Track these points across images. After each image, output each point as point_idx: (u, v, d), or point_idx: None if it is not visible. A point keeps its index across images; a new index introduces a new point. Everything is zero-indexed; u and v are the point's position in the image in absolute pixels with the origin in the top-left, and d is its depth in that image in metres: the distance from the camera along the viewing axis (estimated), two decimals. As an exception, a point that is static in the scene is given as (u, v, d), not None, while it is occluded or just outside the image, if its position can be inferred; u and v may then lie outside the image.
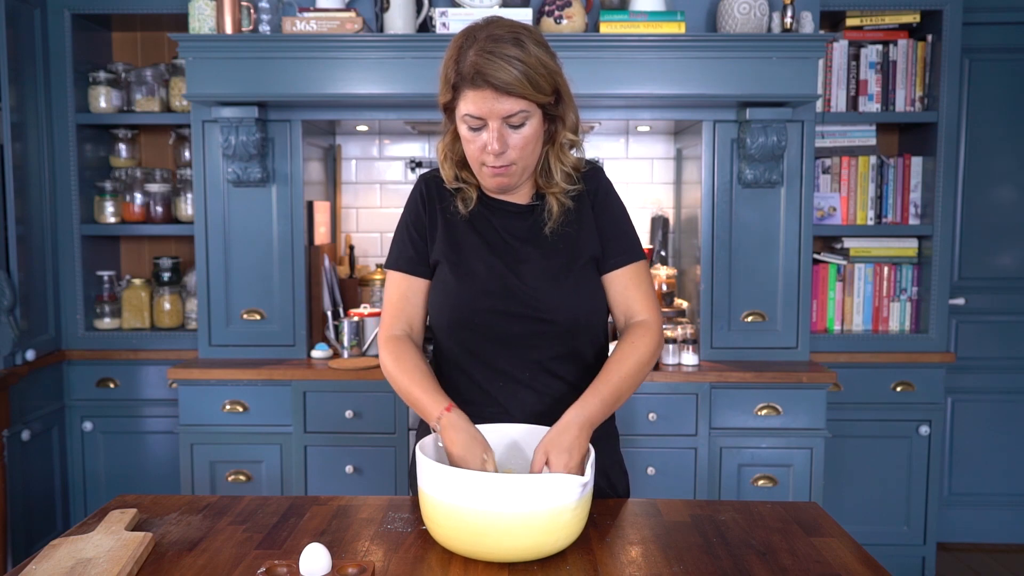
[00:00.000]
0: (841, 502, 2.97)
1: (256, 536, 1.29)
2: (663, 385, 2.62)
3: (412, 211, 1.50)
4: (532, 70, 1.31)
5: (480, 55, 1.29)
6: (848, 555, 1.23)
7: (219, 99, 2.61)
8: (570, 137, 1.43)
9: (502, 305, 1.42)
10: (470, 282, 1.43)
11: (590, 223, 1.47)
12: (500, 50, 1.29)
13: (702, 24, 2.77)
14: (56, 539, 1.21)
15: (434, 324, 1.50)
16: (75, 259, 2.99)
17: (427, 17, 2.72)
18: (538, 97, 1.33)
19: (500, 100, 1.30)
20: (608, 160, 3.23)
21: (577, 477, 1.17)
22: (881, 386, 2.96)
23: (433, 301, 1.48)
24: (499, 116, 1.32)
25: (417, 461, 1.22)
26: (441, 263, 1.46)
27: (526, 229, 1.46)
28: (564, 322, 1.43)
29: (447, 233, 1.46)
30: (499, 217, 1.47)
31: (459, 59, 1.32)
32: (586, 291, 1.45)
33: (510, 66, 1.29)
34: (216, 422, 2.66)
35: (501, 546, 1.15)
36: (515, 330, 1.42)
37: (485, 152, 1.35)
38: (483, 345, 1.44)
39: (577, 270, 1.44)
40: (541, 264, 1.44)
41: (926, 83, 2.99)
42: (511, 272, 1.43)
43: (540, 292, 1.42)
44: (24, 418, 2.79)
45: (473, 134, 1.35)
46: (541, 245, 1.45)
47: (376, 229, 3.29)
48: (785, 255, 2.78)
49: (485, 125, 1.33)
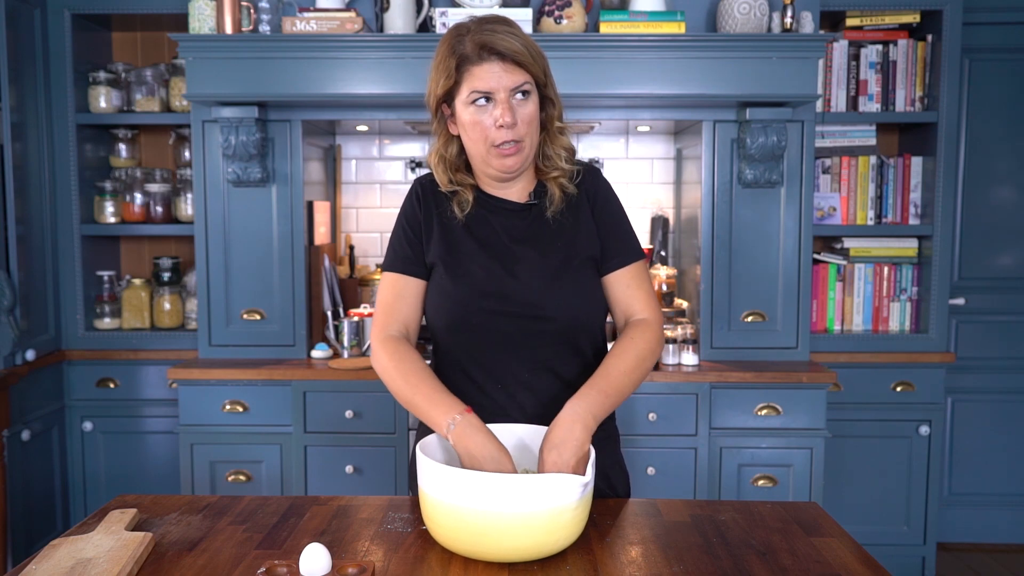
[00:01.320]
0: (841, 502, 2.97)
1: (256, 536, 1.29)
2: (663, 385, 2.62)
3: (408, 213, 1.51)
4: (529, 45, 1.38)
5: (481, 34, 1.35)
6: (848, 555, 1.23)
7: (219, 99, 2.61)
8: (559, 124, 1.47)
9: (499, 305, 1.42)
10: (467, 284, 1.43)
11: (588, 223, 1.48)
12: (499, 28, 1.37)
13: (702, 24, 2.77)
14: (56, 539, 1.21)
15: (432, 326, 1.49)
16: (75, 259, 2.99)
17: (427, 17, 2.72)
18: (537, 71, 1.39)
19: (508, 71, 1.35)
20: (608, 160, 3.23)
21: (578, 477, 1.16)
22: (881, 386, 2.96)
23: (430, 304, 1.48)
24: (507, 88, 1.35)
25: (417, 461, 1.22)
26: (437, 266, 1.46)
27: (524, 228, 1.47)
28: (562, 321, 1.42)
29: (443, 236, 1.46)
30: (497, 216, 1.47)
31: (455, 46, 1.37)
32: (584, 290, 1.45)
33: (512, 38, 1.36)
34: (216, 422, 2.67)
35: (501, 546, 1.15)
36: (512, 330, 1.42)
37: (495, 129, 1.37)
38: (481, 346, 1.44)
39: (574, 269, 1.44)
40: (538, 263, 1.44)
41: (926, 83, 2.99)
42: (508, 272, 1.43)
43: (537, 291, 1.42)
44: (24, 418, 2.79)
45: (480, 113, 1.37)
46: (538, 244, 1.45)
47: (376, 229, 3.29)
48: (785, 255, 2.78)
49: (492, 101, 1.36)
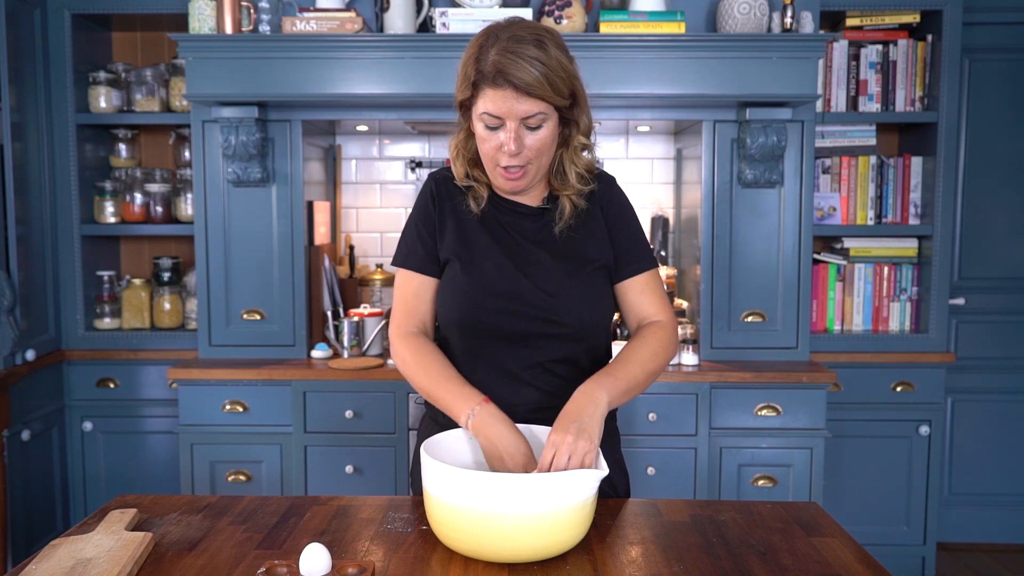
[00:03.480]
0: (841, 502, 2.97)
1: (256, 536, 1.29)
2: (663, 385, 2.62)
3: (422, 209, 1.50)
4: (552, 72, 1.31)
5: (502, 55, 1.30)
6: (848, 555, 1.22)
7: (219, 99, 2.61)
8: (582, 141, 1.44)
9: (512, 305, 1.42)
10: (480, 280, 1.43)
11: (601, 232, 1.48)
12: (522, 51, 1.30)
13: (702, 24, 2.77)
14: (56, 539, 1.21)
15: (442, 320, 1.49)
16: (75, 259, 2.99)
17: (427, 17, 2.72)
18: (556, 100, 1.33)
19: (520, 100, 1.31)
20: (608, 160, 3.23)
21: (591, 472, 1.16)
22: (881, 386, 2.96)
23: (442, 298, 1.47)
24: (518, 117, 1.32)
25: (422, 461, 1.22)
26: (452, 261, 1.46)
27: (536, 231, 1.47)
28: (571, 325, 1.43)
29: (458, 231, 1.46)
30: (509, 217, 1.47)
31: (480, 57, 1.32)
32: (595, 295, 1.46)
33: (531, 67, 1.29)
34: (216, 422, 2.67)
35: (504, 547, 1.15)
36: (523, 330, 1.43)
37: (500, 152, 1.36)
38: (490, 343, 1.44)
39: (586, 275, 1.45)
40: (551, 266, 1.44)
41: (926, 83, 2.99)
42: (521, 273, 1.43)
43: (550, 294, 1.42)
44: (24, 418, 2.79)
45: (489, 133, 1.36)
46: (550, 248, 1.46)
47: (376, 229, 3.29)
48: (785, 255, 2.78)
49: (503, 125, 1.34)
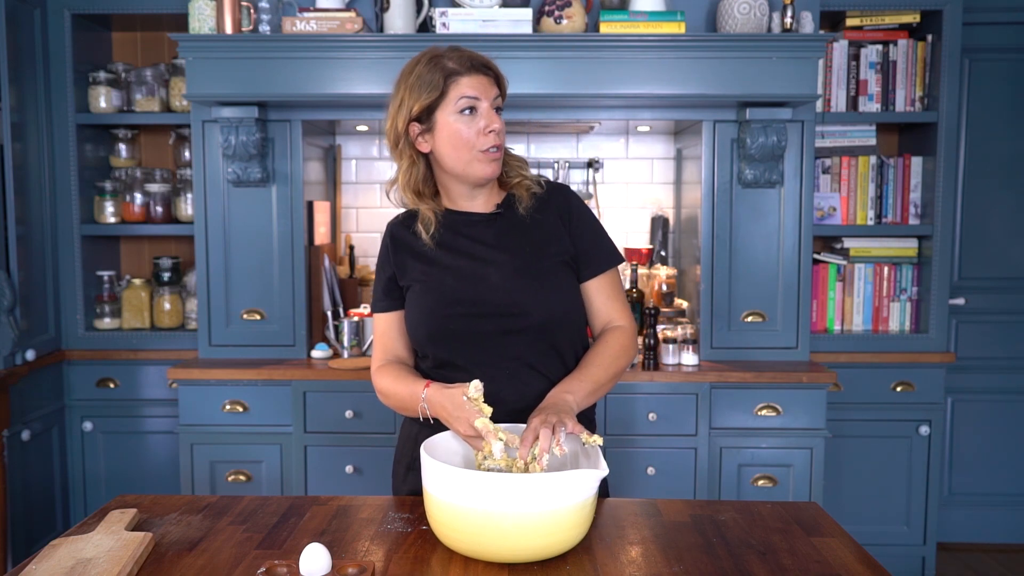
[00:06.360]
0: (841, 502, 2.97)
1: (256, 536, 1.29)
2: (663, 385, 2.62)
3: (382, 258, 1.60)
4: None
5: (461, 53, 1.47)
6: (848, 555, 1.23)
7: (219, 99, 2.61)
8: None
9: (475, 308, 1.47)
10: (442, 293, 1.49)
11: (560, 233, 1.53)
12: (473, 51, 1.49)
13: (702, 24, 2.77)
14: (56, 539, 1.21)
15: (414, 340, 1.55)
16: (75, 259, 2.99)
17: (427, 17, 2.72)
18: (503, 94, 1.51)
19: (491, 85, 1.48)
20: (608, 160, 3.23)
21: (591, 472, 1.17)
22: (881, 386, 2.96)
23: (409, 320, 1.54)
24: (491, 98, 1.47)
25: (422, 461, 1.22)
26: (412, 285, 1.53)
27: (494, 235, 1.52)
28: (537, 316, 1.47)
29: (418, 263, 1.53)
30: (466, 227, 1.53)
31: (436, 65, 1.45)
32: (556, 284, 1.50)
33: (490, 63, 1.49)
34: (216, 422, 2.67)
35: (504, 547, 1.15)
36: (491, 329, 1.47)
37: (482, 136, 1.45)
38: (462, 349, 1.49)
39: (547, 267, 1.50)
40: (509, 263, 1.49)
41: (926, 83, 2.99)
42: (480, 277, 1.49)
43: (509, 289, 1.47)
44: (24, 418, 2.79)
45: (468, 120, 1.45)
46: (509, 247, 1.51)
47: (376, 229, 3.29)
48: (785, 255, 2.78)
49: (475, 113, 1.45)
